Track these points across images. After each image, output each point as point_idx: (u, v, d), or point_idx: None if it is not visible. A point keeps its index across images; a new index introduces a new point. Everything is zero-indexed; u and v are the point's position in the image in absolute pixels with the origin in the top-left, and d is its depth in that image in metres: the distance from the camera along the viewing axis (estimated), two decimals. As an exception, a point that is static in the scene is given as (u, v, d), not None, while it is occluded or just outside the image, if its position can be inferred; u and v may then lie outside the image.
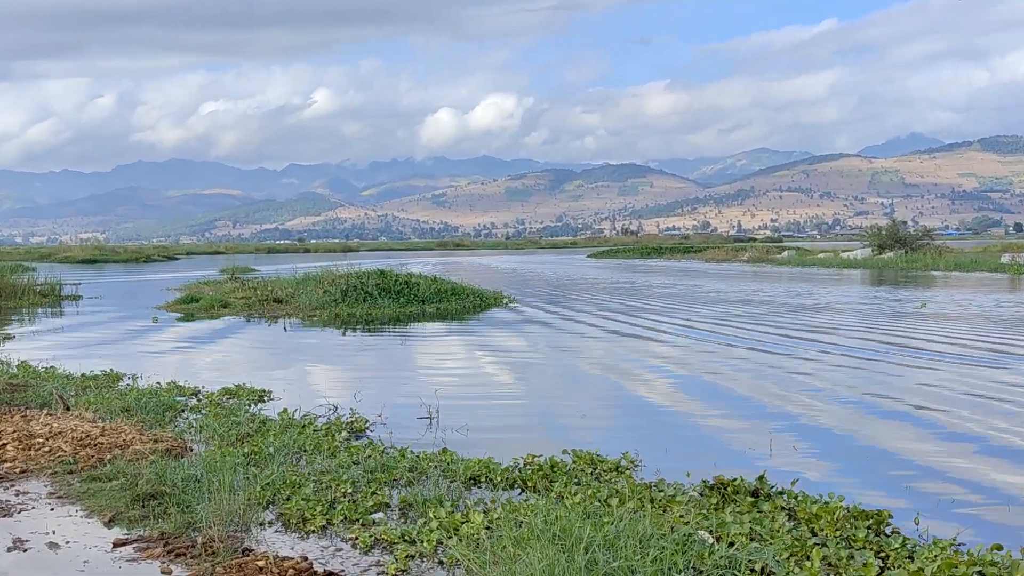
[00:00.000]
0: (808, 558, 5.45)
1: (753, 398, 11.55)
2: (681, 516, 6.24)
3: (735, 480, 7.11)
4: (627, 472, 7.80)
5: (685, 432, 9.77)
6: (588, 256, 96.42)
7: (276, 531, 6.42)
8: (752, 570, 5.19)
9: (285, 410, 10.34)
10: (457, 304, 26.41)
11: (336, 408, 10.76)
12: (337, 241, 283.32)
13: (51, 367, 14.13)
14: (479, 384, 13.00)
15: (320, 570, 5.63)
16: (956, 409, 10.75)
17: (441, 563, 5.70)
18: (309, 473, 7.61)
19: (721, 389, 12.24)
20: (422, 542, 5.93)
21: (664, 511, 6.43)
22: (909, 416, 10.45)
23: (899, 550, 5.64)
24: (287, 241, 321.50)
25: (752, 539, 5.78)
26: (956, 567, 5.12)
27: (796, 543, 5.65)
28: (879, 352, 15.73)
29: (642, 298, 30.57)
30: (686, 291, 34.01)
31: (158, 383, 12.53)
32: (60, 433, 8.98)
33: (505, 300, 28.64)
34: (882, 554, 5.62)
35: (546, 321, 22.50)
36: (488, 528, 6.00)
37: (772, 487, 7.08)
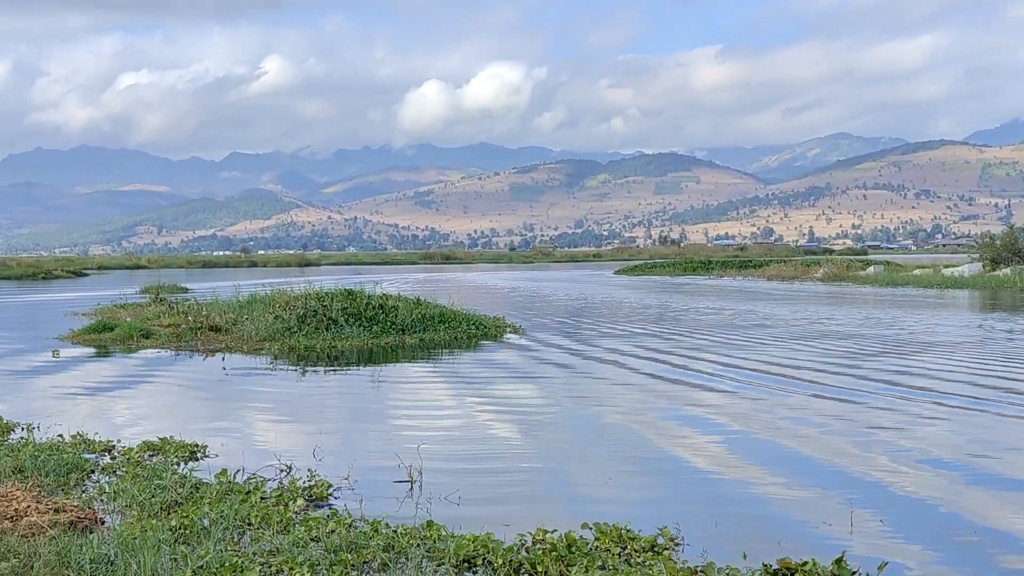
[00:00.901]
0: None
1: (823, 460, 11.51)
2: (735, 611, 6.22)
3: (805, 564, 7.10)
4: (665, 553, 7.80)
5: (738, 502, 9.73)
6: (616, 272, 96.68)
7: (212, 628, 6.42)
8: None
9: (224, 471, 10.37)
10: (447, 334, 26.65)
11: (290, 469, 10.80)
12: (292, 252, 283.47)
13: (-77, 415, 14.12)
14: (474, 439, 13.08)
15: None
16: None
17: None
18: (255, 553, 7.62)
19: (782, 448, 12.29)
20: (400, 643, 5.92)
21: (713, 604, 6.41)
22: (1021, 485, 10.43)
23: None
24: (228, 252, 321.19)
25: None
26: None
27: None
28: (985, 401, 15.70)
29: (681, 326, 30.80)
30: (737, 318, 34.12)
31: (60, 436, 12.58)
32: (-66, 500, 8.93)
33: (508, 329, 28.99)
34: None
35: (560, 356, 22.93)
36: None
37: (853, 573, 7.07)
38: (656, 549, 7.91)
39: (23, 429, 13.31)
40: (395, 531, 8.19)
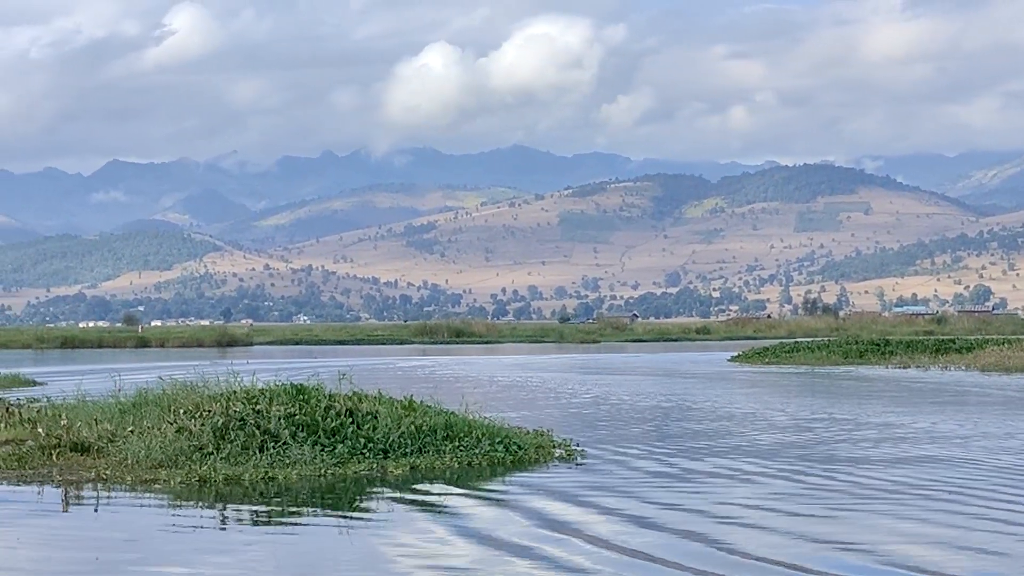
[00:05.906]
0: None
1: None
2: None
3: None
4: None
5: None
6: (733, 359, 76.41)
7: None
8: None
9: None
10: (457, 457, 22.13)
11: None
12: (208, 324, 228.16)
13: None
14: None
15: None
16: None
17: None
18: None
19: None
20: None
21: None
22: None
23: None
24: (103, 323, 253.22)
25: None
26: None
27: None
28: None
29: (841, 461, 23.25)
30: (944, 446, 25.48)
31: None
32: None
33: (559, 451, 23.90)
34: None
35: (647, 503, 18.10)
36: None
37: None
38: None
39: None
40: None
